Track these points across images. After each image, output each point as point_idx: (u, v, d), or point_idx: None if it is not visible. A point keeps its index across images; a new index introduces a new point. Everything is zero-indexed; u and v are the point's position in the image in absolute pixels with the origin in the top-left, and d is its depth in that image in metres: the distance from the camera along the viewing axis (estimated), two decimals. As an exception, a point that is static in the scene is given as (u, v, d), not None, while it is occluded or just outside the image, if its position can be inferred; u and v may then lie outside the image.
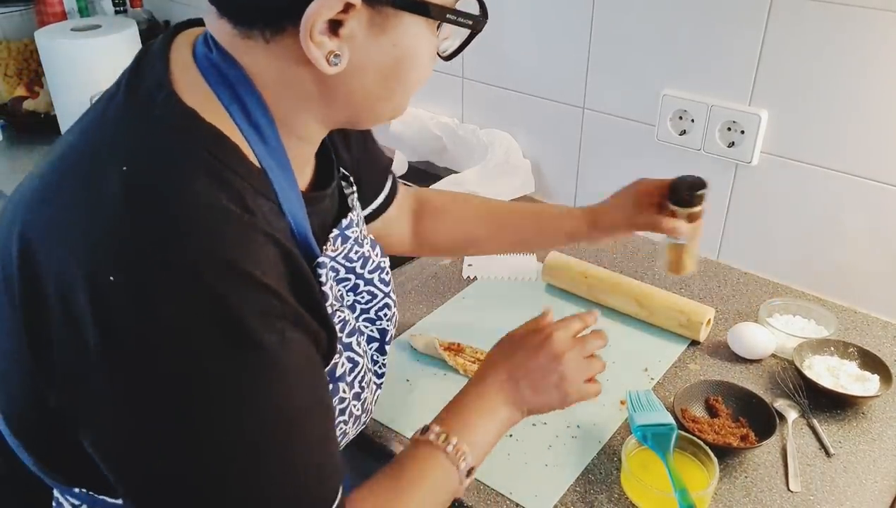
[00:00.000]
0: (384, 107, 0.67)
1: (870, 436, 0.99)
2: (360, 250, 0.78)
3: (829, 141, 1.18)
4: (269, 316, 0.55)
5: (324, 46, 0.58)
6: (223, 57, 0.61)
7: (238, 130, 0.61)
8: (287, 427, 0.58)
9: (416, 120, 1.70)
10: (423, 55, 0.64)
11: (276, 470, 0.57)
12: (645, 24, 1.31)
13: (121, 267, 0.52)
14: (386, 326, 0.85)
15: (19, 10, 2.02)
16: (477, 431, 0.78)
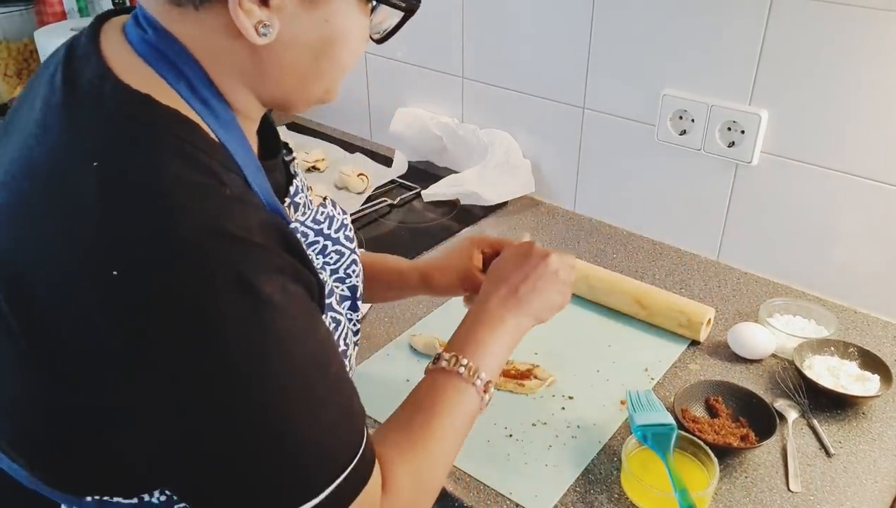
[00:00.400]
0: (316, 88, 0.67)
1: (870, 436, 0.99)
2: (325, 210, 0.79)
3: (830, 141, 1.18)
4: (271, 272, 0.57)
5: (253, 15, 0.58)
6: (159, 35, 0.60)
7: (190, 108, 0.61)
8: (314, 375, 0.59)
9: (416, 120, 1.70)
10: (354, 35, 0.64)
11: (315, 414, 0.59)
12: (645, 23, 1.31)
13: (122, 259, 0.52)
14: (356, 282, 0.85)
15: (19, 10, 2.02)
16: (487, 344, 0.81)
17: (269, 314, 0.56)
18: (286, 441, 0.57)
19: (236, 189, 0.59)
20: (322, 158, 1.74)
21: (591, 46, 1.39)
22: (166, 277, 0.52)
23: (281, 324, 0.57)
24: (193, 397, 0.54)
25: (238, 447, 0.56)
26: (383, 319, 1.22)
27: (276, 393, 0.56)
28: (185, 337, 0.53)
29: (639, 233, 1.47)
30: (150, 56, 0.60)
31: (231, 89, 0.64)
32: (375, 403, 1.04)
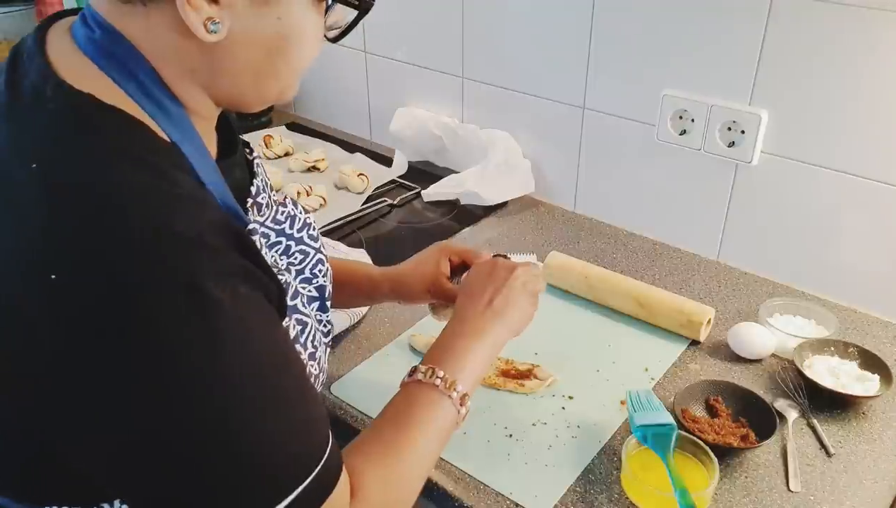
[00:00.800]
0: (271, 87, 0.66)
1: (870, 436, 0.99)
2: (285, 210, 0.78)
3: (830, 140, 1.18)
4: (223, 275, 0.55)
5: (201, 12, 0.57)
6: (107, 34, 0.59)
7: (139, 108, 0.59)
8: (267, 380, 0.58)
9: (416, 120, 1.70)
10: (308, 34, 0.63)
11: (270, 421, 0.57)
12: (645, 23, 1.30)
13: (67, 264, 0.51)
14: (323, 282, 0.84)
15: (19, 10, 2.02)
16: (465, 357, 0.80)
17: (218, 317, 0.54)
18: (239, 449, 0.56)
19: (187, 189, 0.58)
20: (322, 158, 1.74)
21: (592, 46, 1.39)
22: (110, 280, 0.51)
23: (230, 328, 0.55)
24: (139, 404, 0.53)
25: (188, 455, 0.55)
26: (383, 319, 1.22)
27: (224, 399, 0.55)
28: (129, 341, 0.52)
29: (639, 232, 1.47)
30: (97, 55, 0.59)
31: (183, 88, 0.63)
32: (375, 403, 1.03)
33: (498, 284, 0.88)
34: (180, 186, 0.57)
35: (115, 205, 0.53)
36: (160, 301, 0.52)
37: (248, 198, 0.73)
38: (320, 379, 0.81)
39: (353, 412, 1.02)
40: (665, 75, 1.31)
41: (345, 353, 1.14)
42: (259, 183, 0.77)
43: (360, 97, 1.87)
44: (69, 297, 0.51)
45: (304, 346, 0.76)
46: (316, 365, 0.78)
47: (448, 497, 0.91)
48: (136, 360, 0.52)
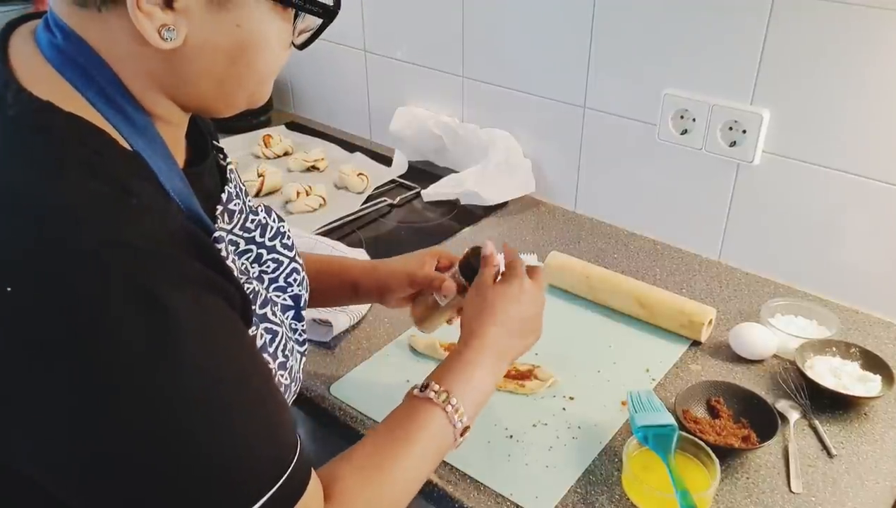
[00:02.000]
0: (236, 93, 0.64)
1: (872, 437, 0.98)
2: (256, 218, 0.77)
3: (831, 140, 1.18)
4: (179, 283, 0.54)
5: (154, 18, 0.55)
6: (69, 39, 0.58)
7: (102, 117, 0.58)
8: (227, 388, 0.57)
9: (416, 120, 1.70)
10: (271, 41, 0.62)
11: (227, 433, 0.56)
12: (646, 23, 1.30)
13: (16, 275, 0.50)
14: (298, 291, 0.83)
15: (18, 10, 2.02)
16: (477, 388, 0.80)
17: (176, 326, 0.53)
18: (201, 459, 0.55)
19: (146, 198, 0.57)
20: (322, 158, 1.73)
21: (592, 45, 1.39)
22: (61, 292, 0.50)
23: (188, 336, 0.54)
24: (97, 417, 0.52)
25: (149, 466, 0.54)
26: (383, 319, 1.21)
27: (184, 408, 0.54)
28: (84, 355, 0.51)
29: (640, 232, 1.47)
30: (59, 61, 0.58)
31: (146, 94, 0.62)
32: (375, 403, 1.04)
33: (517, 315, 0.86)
34: (136, 195, 0.56)
35: (66, 215, 0.52)
36: (109, 310, 0.51)
37: (217, 205, 0.72)
38: (292, 388, 0.80)
39: (352, 412, 1.02)
40: (666, 74, 1.31)
41: (345, 353, 1.13)
42: (231, 189, 0.75)
43: (360, 96, 1.87)
44: (17, 309, 0.50)
45: (274, 356, 0.74)
46: (287, 374, 0.77)
47: (448, 497, 0.90)
48: (92, 374, 0.51)
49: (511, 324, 0.86)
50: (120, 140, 0.59)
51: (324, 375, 1.08)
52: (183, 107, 0.65)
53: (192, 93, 0.63)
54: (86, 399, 0.52)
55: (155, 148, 0.61)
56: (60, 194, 0.53)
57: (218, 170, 0.77)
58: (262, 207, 0.79)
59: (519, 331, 0.87)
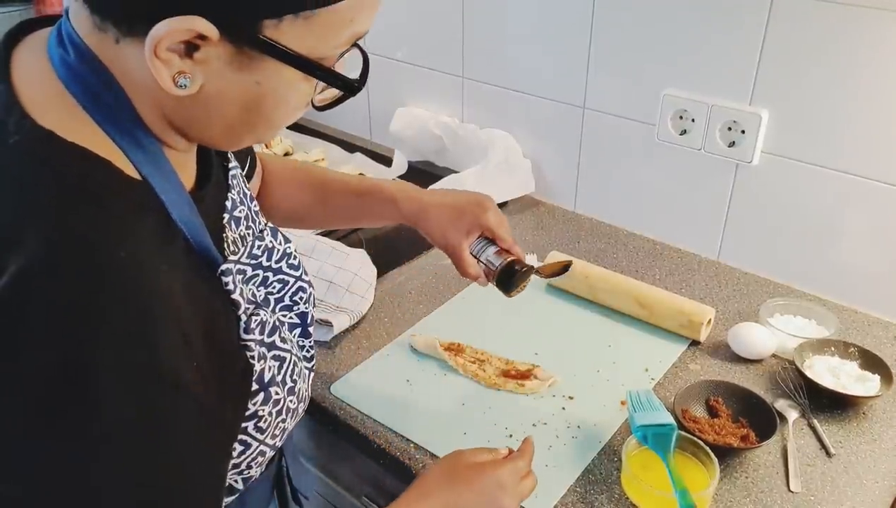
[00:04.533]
0: (245, 137, 0.63)
1: (870, 436, 0.99)
2: (262, 243, 0.75)
3: (830, 140, 1.18)
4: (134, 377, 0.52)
5: (172, 66, 0.53)
6: (82, 59, 0.56)
7: (111, 141, 0.56)
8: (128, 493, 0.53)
9: (416, 120, 1.70)
10: (290, 101, 0.60)
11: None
12: (645, 23, 1.30)
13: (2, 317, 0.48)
14: (305, 309, 0.82)
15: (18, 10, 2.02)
16: None
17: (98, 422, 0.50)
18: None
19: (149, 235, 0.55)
20: (322, 158, 1.74)
21: (592, 46, 1.39)
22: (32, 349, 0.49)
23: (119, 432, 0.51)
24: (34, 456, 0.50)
25: None
26: (383, 319, 1.21)
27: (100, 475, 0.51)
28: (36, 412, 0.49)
29: (639, 232, 1.47)
30: (71, 82, 0.56)
31: (155, 124, 0.59)
32: (375, 403, 1.04)
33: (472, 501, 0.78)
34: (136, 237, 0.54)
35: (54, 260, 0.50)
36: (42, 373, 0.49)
37: (224, 214, 0.70)
38: (299, 409, 0.79)
39: (352, 412, 1.02)
40: (665, 75, 1.31)
41: (345, 353, 1.14)
42: (235, 196, 0.74)
43: (360, 97, 1.85)
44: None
45: (283, 383, 0.73)
46: (295, 398, 0.76)
47: (448, 497, 0.90)
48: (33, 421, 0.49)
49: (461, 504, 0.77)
50: (127, 168, 0.57)
51: (324, 375, 1.09)
52: (189, 141, 0.64)
53: (199, 132, 0.61)
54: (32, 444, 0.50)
55: (164, 174, 0.59)
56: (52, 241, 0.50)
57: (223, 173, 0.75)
58: (269, 229, 0.78)
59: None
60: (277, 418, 0.73)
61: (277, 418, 0.73)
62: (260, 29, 0.53)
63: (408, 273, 1.35)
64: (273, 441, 0.74)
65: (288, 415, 0.76)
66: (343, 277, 1.20)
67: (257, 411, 0.69)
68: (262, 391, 0.69)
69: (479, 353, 1.12)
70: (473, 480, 0.78)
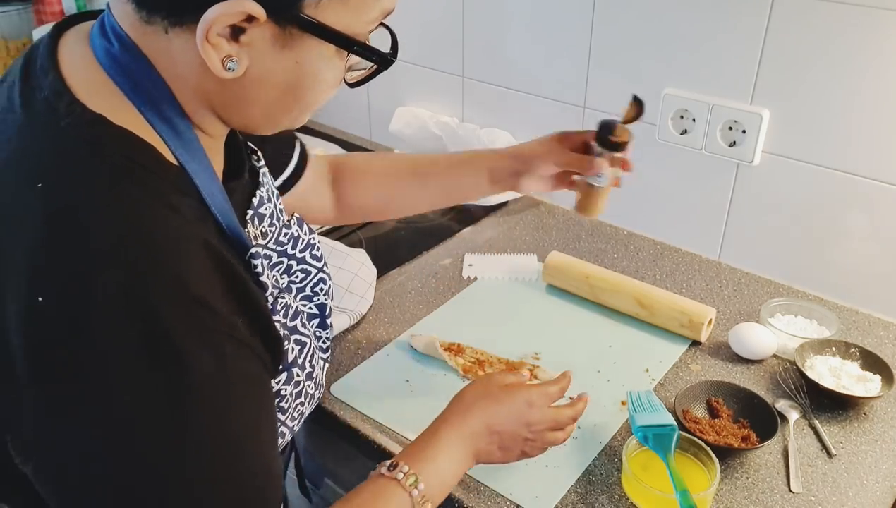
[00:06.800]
0: (282, 119, 0.66)
1: (871, 437, 0.98)
2: (289, 231, 0.78)
3: (831, 140, 1.18)
4: (203, 332, 0.55)
5: (221, 49, 0.57)
6: (125, 49, 0.59)
7: (151, 127, 0.60)
8: (226, 449, 0.57)
9: (416, 119, 1.70)
10: (326, 78, 0.63)
11: (214, 494, 0.56)
12: (646, 23, 1.30)
13: (48, 288, 0.51)
14: (324, 300, 0.84)
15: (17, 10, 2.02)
16: (443, 477, 0.77)
17: (187, 381, 0.54)
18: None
19: (188, 217, 0.58)
20: (322, 158, 1.73)
21: (592, 45, 1.39)
22: (83, 316, 0.51)
23: (203, 393, 0.54)
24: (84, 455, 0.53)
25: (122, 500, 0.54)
26: (383, 319, 1.21)
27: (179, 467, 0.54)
28: (87, 386, 0.51)
29: (640, 232, 1.47)
30: (114, 70, 0.59)
31: (195, 111, 0.63)
32: (375, 403, 1.04)
33: (508, 427, 0.81)
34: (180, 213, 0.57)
35: (105, 240, 0.53)
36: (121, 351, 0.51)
37: (248, 210, 0.73)
38: (315, 396, 0.80)
39: (352, 412, 1.02)
40: (666, 74, 1.31)
41: (345, 353, 1.13)
42: (263, 193, 0.76)
43: (360, 97, 1.87)
44: (41, 320, 0.51)
45: (303, 366, 0.75)
46: (312, 384, 0.78)
47: (448, 498, 0.90)
48: (82, 398, 0.52)
49: (496, 429, 0.81)
50: (166, 153, 0.60)
51: (324, 375, 1.09)
52: (227, 124, 0.67)
53: (240, 114, 0.64)
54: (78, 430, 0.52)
55: (198, 161, 0.62)
56: (102, 213, 0.53)
57: (250, 172, 0.78)
58: (296, 219, 0.80)
59: (501, 444, 0.82)
60: (296, 400, 0.75)
61: (296, 400, 0.75)
62: (301, 8, 0.57)
63: (408, 273, 1.35)
64: (292, 423, 0.76)
65: (306, 399, 0.78)
66: (343, 277, 1.20)
67: (280, 390, 0.72)
68: (285, 370, 0.72)
69: (479, 353, 1.12)
70: (505, 398, 0.83)
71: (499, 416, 0.81)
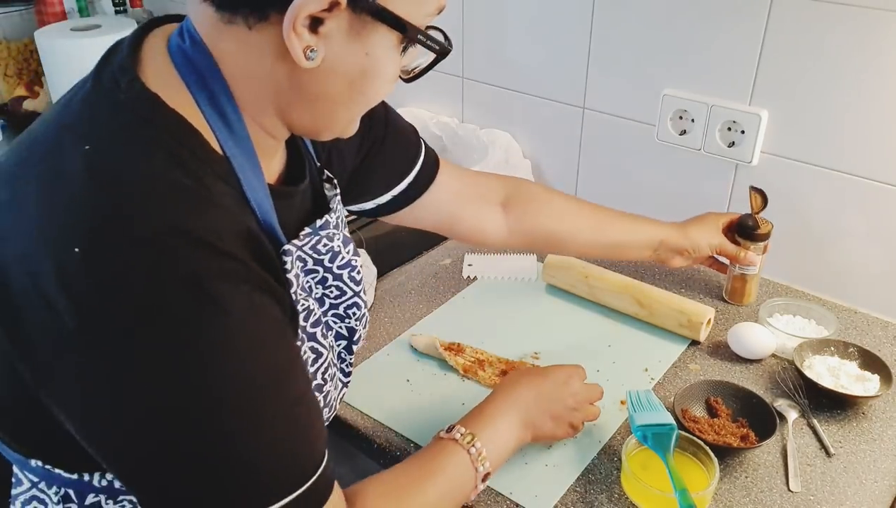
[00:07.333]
0: (342, 117, 0.68)
1: (870, 436, 0.99)
2: (330, 244, 0.79)
3: (830, 141, 1.18)
4: (235, 280, 0.57)
5: (303, 39, 0.59)
6: (196, 46, 0.62)
7: (203, 118, 0.62)
8: (265, 392, 0.59)
9: (417, 120, 1.70)
10: (388, 70, 0.65)
11: (256, 432, 0.58)
12: (645, 23, 1.30)
13: (85, 241, 0.53)
14: (354, 325, 0.85)
15: (19, 10, 2.02)
16: (500, 440, 0.83)
17: (226, 322, 0.55)
18: (230, 451, 0.57)
19: (220, 197, 0.60)
20: (322, 158, 1.73)
21: (592, 46, 1.39)
22: (123, 264, 0.53)
23: (237, 336, 0.56)
24: (131, 390, 0.54)
25: (169, 450, 0.56)
26: (383, 319, 1.22)
27: (216, 402, 0.56)
28: (130, 329, 0.53)
29: (639, 233, 1.47)
30: (181, 63, 0.62)
31: (259, 108, 0.65)
32: (375, 403, 1.04)
33: (557, 395, 0.90)
34: (212, 193, 0.59)
35: (144, 198, 0.55)
36: (162, 294, 0.53)
37: (306, 227, 0.75)
38: (325, 414, 0.80)
39: (353, 411, 1.02)
40: (665, 75, 1.31)
41: (345, 353, 1.14)
42: (332, 218, 0.79)
43: (360, 97, 1.87)
44: (80, 271, 0.53)
45: (313, 376, 0.76)
46: (321, 398, 0.78)
47: (448, 497, 0.91)
48: (128, 346, 0.53)
49: (550, 403, 0.89)
50: (213, 143, 0.62)
51: (324, 375, 1.09)
52: (289, 126, 0.68)
53: (304, 111, 0.66)
54: (123, 374, 0.54)
55: (247, 157, 0.65)
56: (144, 177, 0.56)
57: (317, 196, 0.81)
58: (342, 237, 0.81)
59: (554, 412, 0.89)
60: None
61: None
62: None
63: (408, 273, 1.35)
64: None
65: None
66: (343, 277, 1.20)
67: None
68: None
69: (478, 353, 1.12)
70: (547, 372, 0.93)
71: (545, 386, 0.90)
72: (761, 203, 1.18)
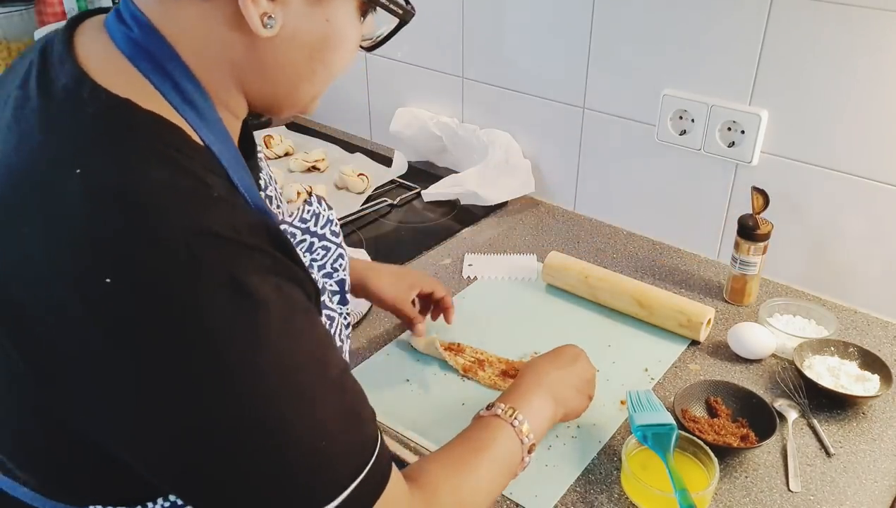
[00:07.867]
0: (304, 90, 0.67)
1: (870, 436, 0.99)
2: (311, 208, 0.79)
3: (830, 141, 1.18)
4: (263, 273, 0.56)
5: (259, 6, 0.58)
6: (146, 33, 0.59)
7: (175, 111, 0.60)
8: (311, 377, 0.58)
9: (416, 120, 1.70)
10: (349, 39, 0.65)
11: (311, 414, 0.58)
12: (645, 23, 1.31)
13: (108, 266, 0.52)
14: (343, 276, 0.85)
15: (19, 11, 2.02)
16: (538, 415, 0.85)
17: (263, 315, 0.55)
18: (287, 445, 0.56)
19: (221, 191, 0.59)
20: (322, 158, 1.74)
21: (592, 46, 1.39)
22: (156, 282, 0.52)
23: (275, 325, 0.56)
24: (188, 402, 0.54)
25: (233, 452, 0.55)
26: (383, 319, 1.22)
27: (270, 396, 0.55)
28: (176, 341, 0.52)
29: (639, 232, 1.47)
30: (136, 55, 0.59)
31: (222, 86, 0.63)
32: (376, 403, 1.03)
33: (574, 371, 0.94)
34: (215, 189, 0.58)
35: (156, 207, 0.53)
36: (202, 299, 0.53)
37: (260, 193, 0.74)
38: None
39: (353, 412, 1.02)
40: (665, 75, 1.31)
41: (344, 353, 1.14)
42: (265, 176, 0.78)
43: (360, 97, 1.87)
44: (112, 300, 0.51)
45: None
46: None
47: (448, 497, 0.91)
48: (178, 359, 0.53)
49: (570, 377, 0.93)
50: (192, 134, 0.60)
51: (324, 375, 1.09)
52: (250, 101, 0.67)
53: (265, 83, 0.65)
54: (174, 385, 0.53)
55: (223, 142, 0.63)
56: (147, 189, 0.54)
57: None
58: (316, 197, 0.81)
59: (576, 386, 0.93)
60: None
61: None
62: None
63: (408, 273, 1.35)
64: None
65: None
66: (343, 277, 1.20)
67: None
68: None
69: (479, 353, 1.12)
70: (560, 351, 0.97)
71: (563, 360, 0.94)
72: (763, 203, 1.18)
